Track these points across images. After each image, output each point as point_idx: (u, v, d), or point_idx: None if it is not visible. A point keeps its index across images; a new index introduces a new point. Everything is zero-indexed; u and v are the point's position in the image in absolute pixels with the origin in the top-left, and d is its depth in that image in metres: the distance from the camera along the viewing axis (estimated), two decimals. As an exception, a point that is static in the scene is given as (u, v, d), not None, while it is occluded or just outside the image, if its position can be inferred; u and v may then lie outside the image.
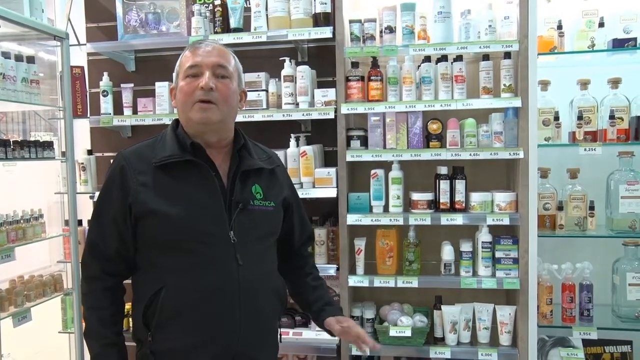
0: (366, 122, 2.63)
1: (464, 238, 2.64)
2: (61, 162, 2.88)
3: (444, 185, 2.56)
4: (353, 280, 2.60)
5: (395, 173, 2.60)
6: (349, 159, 2.58)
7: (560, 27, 2.61)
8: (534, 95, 2.45)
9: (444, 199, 2.57)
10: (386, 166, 2.64)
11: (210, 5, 2.80)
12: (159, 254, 1.52)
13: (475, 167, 2.69)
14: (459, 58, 2.57)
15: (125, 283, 1.61)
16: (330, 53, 2.66)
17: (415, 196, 2.58)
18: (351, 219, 2.60)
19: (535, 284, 2.50)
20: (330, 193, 2.60)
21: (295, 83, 2.67)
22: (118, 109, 2.94)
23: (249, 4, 2.78)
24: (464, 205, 2.56)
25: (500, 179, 2.76)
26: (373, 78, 2.59)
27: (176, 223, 1.49)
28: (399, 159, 2.59)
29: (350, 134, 2.63)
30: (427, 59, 2.59)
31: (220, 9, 2.76)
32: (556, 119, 2.64)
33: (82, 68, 3.00)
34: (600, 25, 2.59)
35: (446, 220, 2.51)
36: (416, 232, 2.62)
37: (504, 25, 2.51)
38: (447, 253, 2.61)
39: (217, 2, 2.76)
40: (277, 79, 2.73)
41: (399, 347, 2.57)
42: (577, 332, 2.52)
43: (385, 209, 2.63)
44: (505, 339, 2.55)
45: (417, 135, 2.57)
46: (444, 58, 2.56)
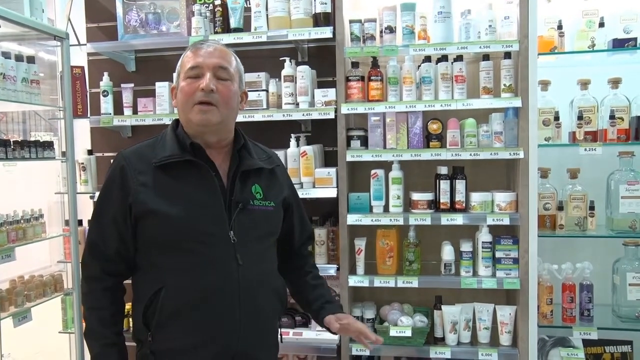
0: (366, 122, 2.63)
1: (464, 238, 2.64)
2: (61, 162, 2.88)
3: (444, 185, 2.56)
4: (353, 280, 2.60)
5: (396, 173, 2.60)
6: (349, 159, 2.58)
7: (560, 27, 2.61)
8: (534, 95, 2.45)
9: (444, 199, 2.57)
10: (386, 166, 2.65)
11: (211, 5, 2.80)
12: (159, 254, 1.52)
13: (475, 167, 2.69)
14: (459, 58, 2.57)
15: (125, 283, 1.61)
16: (330, 53, 2.66)
17: (416, 196, 2.58)
18: (351, 219, 2.60)
19: (536, 284, 2.50)
20: (331, 193, 2.60)
21: (296, 83, 2.67)
22: (118, 109, 2.94)
23: (249, 4, 2.78)
24: (464, 205, 2.56)
25: (501, 179, 2.76)
26: (373, 78, 2.59)
27: (176, 223, 1.49)
28: (399, 159, 2.59)
29: (350, 134, 2.63)
30: (427, 59, 2.59)
31: (221, 9, 2.76)
32: (556, 119, 2.64)
33: (83, 68, 3.00)
34: (601, 25, 2.59)
35: (446, 220, 2.51)
36: (416, 232, 2.62)
37: (504, 25, 2.51)
38: (447, 253, 2.61)
39: (217, 2, 2.76)
40: (277, 79, 2.73)
41: (399, 347, 2.57)
42: (578, 332, 2.52)
43: (386, 209, 2.63)
44: (505, 339, 2.55)
45: (417, 135, 2.57)
46: (444, 58, 2.56)
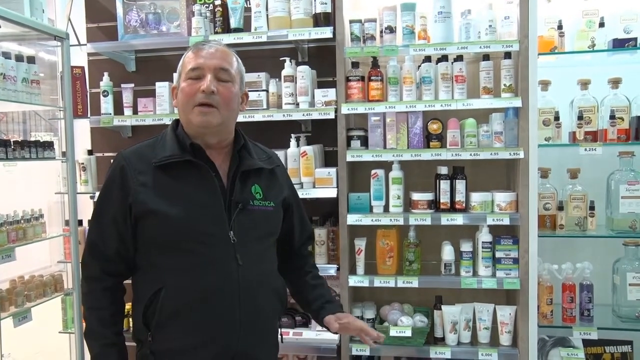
0: (366, 122, 2.63)
1: (464, 238, 2.63)
2: (61, 162, 2.88)
3: (444, 185, 2.56)
4: (353, 280, 2.60)
5: (396, 173, 2.60)
6: (349, 159, 2.58)
7: (560, 27, 2.61)
8: (534, 95, 2.45)
9: (444, 199, 2.57)
10: (386, 166, 2.64)
11: (211, 5, 2.80)
12: (159, 254, 1.52)
13: (475, 167, 2.69)
14: (459, 58, 2.57)
15: (125, 283, 1.61)
16: (330, 53, 2.66)
17: (416, 196, 2.58)
18: (351, 219, 2.60)
19: (536, 284, 2.49)
20: (331, 193, 2.60)
21: (296, 83, 2.67)
22: (118, 109, 2.94)
23: (249, 4, 2.78)
24: (464, 205, 2.56)
25: (501, 179, 2.76)
26: (373, 78, 2.59)
27: (176, 223, 1.49)
28: (399, 159, 2.59)
29: (350, 134, 2.63)
30: (428, 59, 2.59)
31: (221, 9, 2.76)
32: (556, 119, 2.64)
33: (83, 68, 3.00)
34: (601, 25, 2.59)
35: (446, 220, 2.51)
36: (416, 232, 2.62)
37: (504, 25, 2.51)
38: (447, 253, 2.61)
39: (218, 2, 2.76)
40: (278, 79, 2.73)
41: (399, 347, 2.57)
42: (578, 332, 2.52)
43: (386, 209, 2.63)
44: (505, 339, 2.55)
45: (418, 135, 2.57)
46: (444, 58, 2.56)
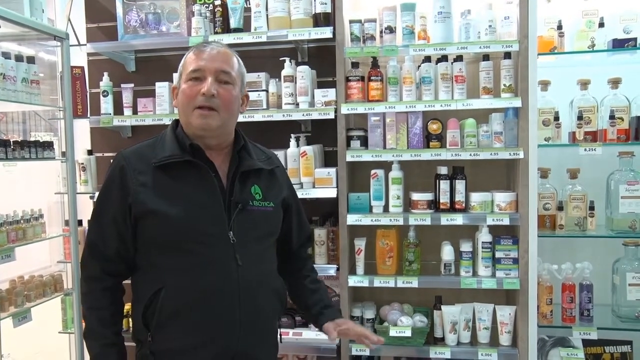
0: (366, 122, 2.63)
1: (464, 238, 2.63)
2: (61, 162, 2.88)
3: (444, 185, 2.56)
4: (353, 281, 2.60)
5: (395, 173, 2.60)
6: (349, 159, 2.58)
7: (560, 27, 2.61)
8: (534, 95, 2.45)
9: (444, 199, 2.56)
10: (386, 166, 2.64)
11: (211, 5, 2.80)
12: (159, 254, 1.52)
13: (475, 167, 2.69)
14: (459, 58, 2.57)
15: (125, 283, 1.61)
16: (330, 53, 2.66)
17: (415, 196, 2.58)
18: (351, 219, 2.60)
19: (535, 284, 2.49)
20: (330, 193, 2.60)
21: (296, 83, 2.67)
22: (118, 109, 2.94)
23: (249, 4, 2.78)
24: (464, 205, 2.56)
25: (500, 179, 2.76)
26: (373, 78, 2.59)
27: (176, 223, 1.49)
28: (399, 159, 2.59)
29: (350, 134, 2.63)
30: (427, 59, 2.59)
31: (221, 9, 2.76)
32: (556, 119, 2.64)
33: (82, 68, 3.00)
34: (600, 25, 2.59)
35: (446, 220, 2.51)
36: (416, 232, 2.62)
37: (504, 26, 2.51)
38: (447, 253, 2.61)
39: (217, 2, 2.76)
40: (277, 79, 2.73)
41: (399, 347, 2.57)
42: (577, 332, 2.52)
43: (385, 209, 2.63)
44: (505, 339, 2.55)
45: (417, 136, 2.57)
46: (444, 58, 2.56)
